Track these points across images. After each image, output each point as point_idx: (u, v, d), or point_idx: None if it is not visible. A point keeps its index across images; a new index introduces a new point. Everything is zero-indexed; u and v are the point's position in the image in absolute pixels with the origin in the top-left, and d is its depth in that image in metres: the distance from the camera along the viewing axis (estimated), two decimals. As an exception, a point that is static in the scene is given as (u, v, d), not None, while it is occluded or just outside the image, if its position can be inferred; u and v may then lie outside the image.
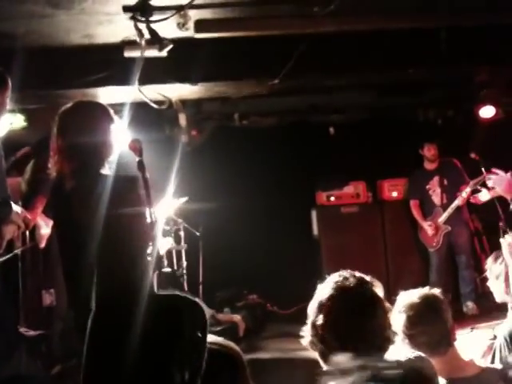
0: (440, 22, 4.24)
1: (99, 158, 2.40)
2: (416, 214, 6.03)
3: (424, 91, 6.07)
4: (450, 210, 5.75)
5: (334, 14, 3.80)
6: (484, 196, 5.09)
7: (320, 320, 1.58)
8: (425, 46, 4.53)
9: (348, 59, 4.62)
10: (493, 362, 2.29)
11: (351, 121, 6.58)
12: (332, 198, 6.53)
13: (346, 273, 1.70)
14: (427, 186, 5.96)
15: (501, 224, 5.15)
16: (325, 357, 1.54)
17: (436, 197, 5.94)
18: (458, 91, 5.98)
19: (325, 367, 1.54)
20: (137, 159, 2.35)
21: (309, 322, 1.63)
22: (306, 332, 1.64)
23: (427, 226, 5.89)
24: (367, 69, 4.81)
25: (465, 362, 2.06)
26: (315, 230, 6.64)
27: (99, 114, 2.47)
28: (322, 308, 1.61)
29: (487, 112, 5.77)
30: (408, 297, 2.05)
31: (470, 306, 5.68)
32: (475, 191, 5.29)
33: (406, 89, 5.93)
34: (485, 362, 2.32)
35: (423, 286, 2.19)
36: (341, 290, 1.62)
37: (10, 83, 3.17)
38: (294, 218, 6.63)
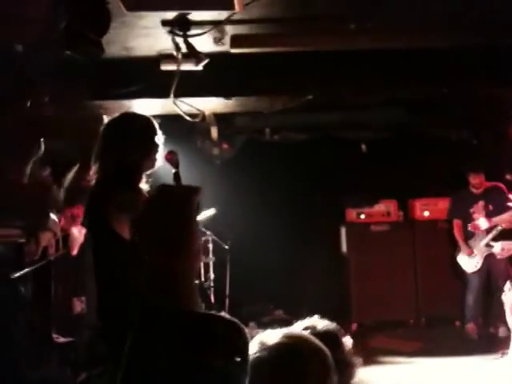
0: (474, 41, 4.20)
1: (139, 171, 2.41)
2: (458, 234, 5.92)
3: (457, 110, 6.00)
4: (494, 232, 5.63)
5: (369, 31, 3.81)
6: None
7: None
8: (458, 65, 4.49)
9: (381, 76, 4.60)
10: None
11: (383, 138, 6.54)
12: (362, 216, 6.47)
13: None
14: (471, 210, 5.86)
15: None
16: None
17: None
18: (493, 111, 5.89)
19: None
20: (173, 171, 2.36)
21: None
22: None
23: (467, 249, 5.81)
24: (400, 86, 4.78)
25: None
26: (344, 248, 6.58)
27: (144, 127, 2.48)
28: None
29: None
30: None
31: (503, 329, 5.56)
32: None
33: (439, 107, 5.88)
34: None
35: (453, 308, 2.14)
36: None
37: None
38: (323, 234, 6.59)
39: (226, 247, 5.88)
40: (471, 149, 6.45)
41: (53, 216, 2.60)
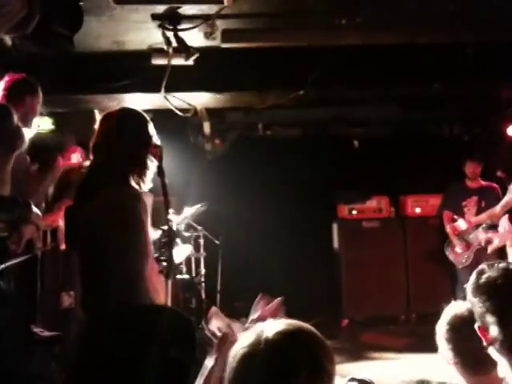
0: (467, 37, 4.20)
1: (132, 166, 2.39)
2: (448, 226, 5.93)
3: (450, 107, 6.00)
4: (484, 226, 5.62)
5: (360, 26, 3.80)
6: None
7: None
8: (451, 61, 4.50)
9: (373, 72, 4.60)
10: None
11: (376, 134, 6.55)
12: (354, 212, 6.47)
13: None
14: (463, 203, 5.85)
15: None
16: None
17: (470, 215, 5.83)
18: (485, 108, 5.90)
19: None
20: (156, 165, 2.36)
21: None
22: None
23: (457, 241, 5.79)
24: (392, 82, 4.78)
25: None
26: (336, 243, 6.59)
27: (139, 123, 2.46)
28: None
29: (515, 130, 5.68)
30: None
31: None
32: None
33: (431, 104, 5.88)
34: None
35: (444, 303, 2.13)
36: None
37: (39, 91, 3.21)
38: (315, 230, 6.59)
39: (218, 243, 5.87)
40: (463, 146, 6.46)
41: (35, 209, 2.59)
